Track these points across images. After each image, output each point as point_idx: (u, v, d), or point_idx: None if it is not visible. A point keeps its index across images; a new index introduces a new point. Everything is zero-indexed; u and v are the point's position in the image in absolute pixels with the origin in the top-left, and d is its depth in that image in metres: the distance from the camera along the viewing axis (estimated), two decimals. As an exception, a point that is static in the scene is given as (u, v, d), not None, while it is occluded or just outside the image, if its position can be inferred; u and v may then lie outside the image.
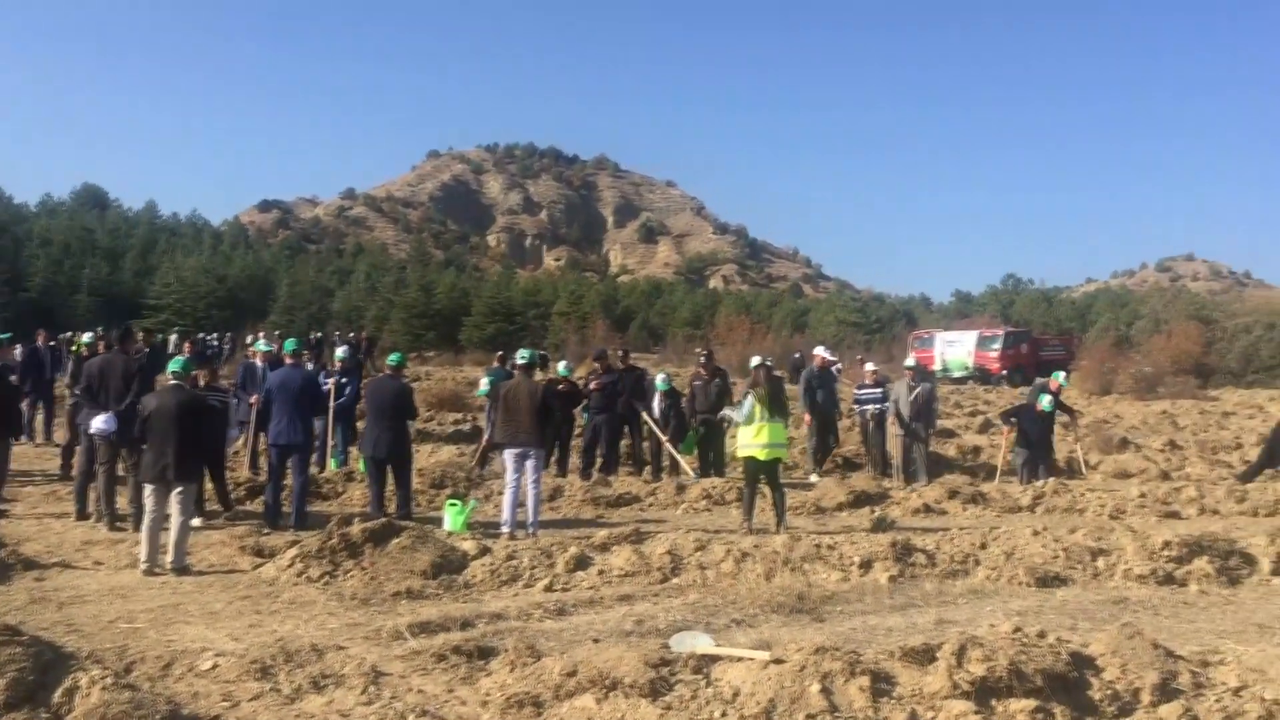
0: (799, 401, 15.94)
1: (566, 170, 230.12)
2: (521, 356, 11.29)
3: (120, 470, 10.39)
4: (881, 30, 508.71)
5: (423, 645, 6.13)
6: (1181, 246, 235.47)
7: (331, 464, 13.77)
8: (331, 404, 13.31)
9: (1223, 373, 48.98)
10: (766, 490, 10.98)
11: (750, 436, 10.69)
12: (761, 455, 10.59)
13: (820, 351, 16.42)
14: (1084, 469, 15.75)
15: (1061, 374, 16.35)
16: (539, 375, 12.34)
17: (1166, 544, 9.02)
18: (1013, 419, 15.32)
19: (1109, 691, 4.94)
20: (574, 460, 14.82)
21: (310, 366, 15.50)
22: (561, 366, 15.35)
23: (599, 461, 14.25)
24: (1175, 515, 12.35)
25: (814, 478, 14.83)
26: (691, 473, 14.08)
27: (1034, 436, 14.78)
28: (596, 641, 5.94)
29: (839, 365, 16.17)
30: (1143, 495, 13.13)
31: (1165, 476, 15.80)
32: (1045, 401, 14.85)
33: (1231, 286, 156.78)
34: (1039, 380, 17.11)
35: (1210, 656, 5.37)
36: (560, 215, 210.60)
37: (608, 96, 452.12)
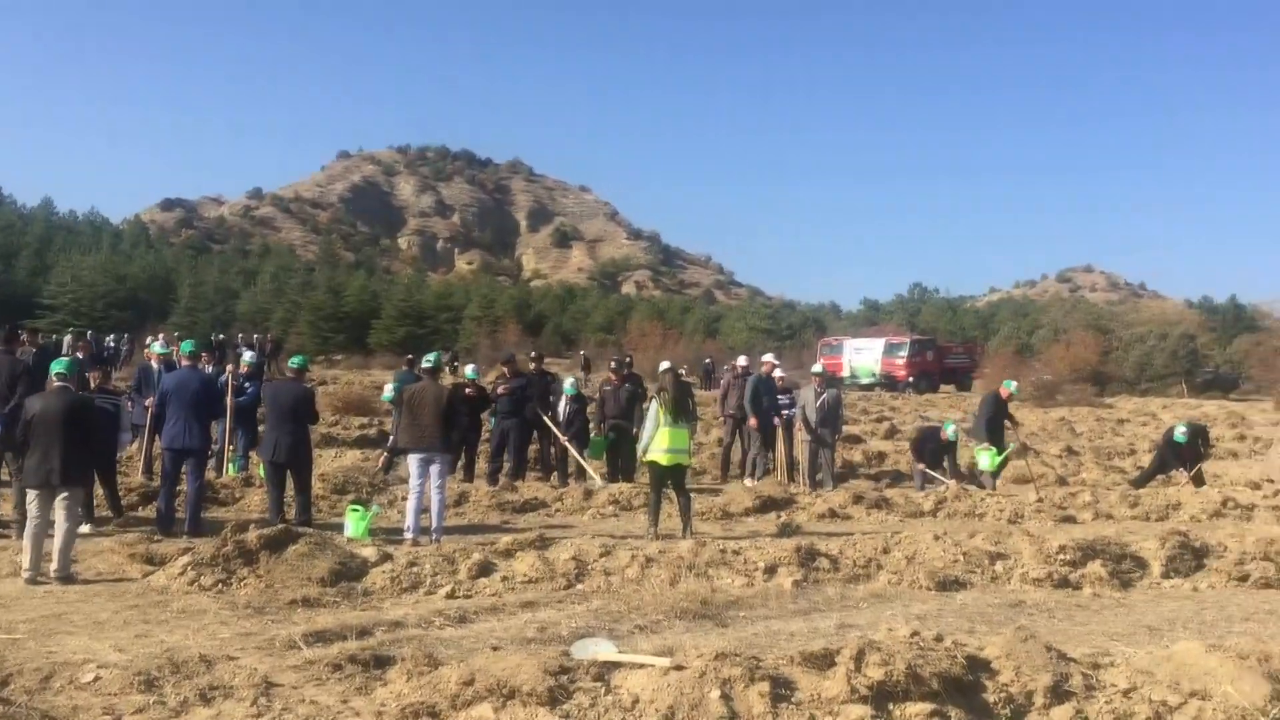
0: (716, 406, 15.99)
1: (479, 173, 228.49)
2: (427, 360, 11.14)
3: (4, 475, 10.00)
4: (791, 40, 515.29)
5: (318, 655, 5.97)
6: (1080, 258, 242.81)
7: (230, 469, 13.42)
8: (230, 402, 12.97)
9: (1118, 381, 50.56)
10: (674, 495, 10.98)
11: (654, 441, 10.67)
12: (664, 460, 10.58)
13: (768, 359, 16.51)
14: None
15: (1013, 383, 16.68)
16: (447, 379, 12.19)
17: (1062, 548, 9.23)
18: (919, 442, 15.88)
19: (1004, 694, 5.00)
20: (481, 465, 14.66)
21: (211, 369, 15.12)
22: (469, 370, 15.18)
23: (506, 466, 14.12)
24: (1071, 520, 12.66)
25: (749, 481, 14.91)
26: (598, 478, 14.04)
27: (929, 456, 15.42)
28: (496, 649, 5.83)
29: (781, 373, 16.22)
30: (1040, 500, 13.46)
31: (1062, 482, 16.21)
32: (950, 431, 15.62)
33: (1128, 297, 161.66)
34: (987, 395, 17.38)
35: (1101, 658, 5.47)
36: (473, 219, 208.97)
37: (521, 100, 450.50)
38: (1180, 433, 16.20)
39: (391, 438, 13.30)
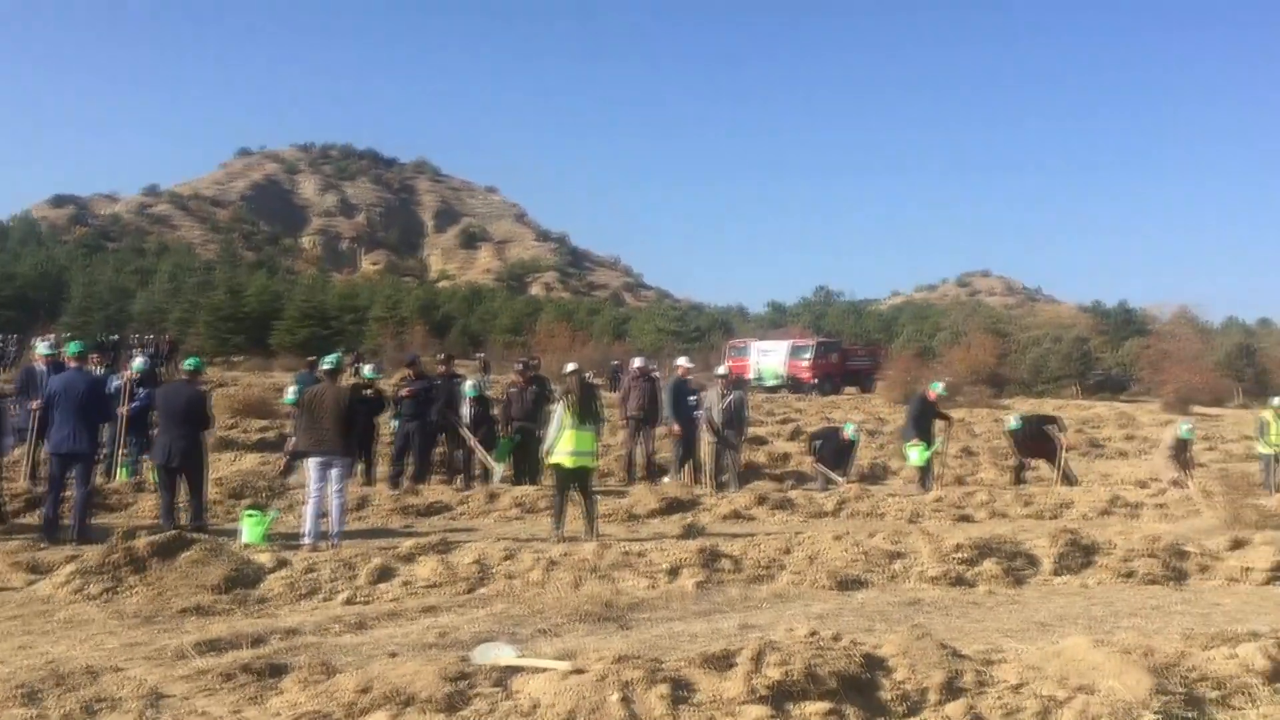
0: (617, 408, 15.99)
1: (385, 173, 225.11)
2: (327, 362, 10.94)
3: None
4: (696, 42, 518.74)
5: (209, 664, 5.81)
6: (979, 263, 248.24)
7: (121, 473, 13.02)
8: (124, 408, 12.59)
9: (1015, 383, 51.94)
10: (579, 498, 10.95)
11: (559, 444, 10.63)
12: (569, 463, 10.54)
13: (682, 362, 16.54)
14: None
15: (940, 384, 16.94)
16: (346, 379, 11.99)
17: (958, 546, 9.43)
18: (817, 441, 16.19)
19: (899, 691, 5.08)
20: (383, 469, 14.46)
21: (102, 370, 14.66)
22: (368, 370, 14.90)
23: (409, 469, 13.94)
24: (968, 519, 12.96)
25: (666, 478, 14.97)
26: (497, 470, 13.89)
27: (830, 457, 15.74)
28: (393, 656, 5.75)
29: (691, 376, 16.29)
30: (938, 500, 13.73)
31: (960, 482, 16.56)
32: (850, 432, 16.19)
33: (1024, 301, 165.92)
34: (914, 396, 17.63)
35: (993, 655, 5.59)
36: (378, 219, 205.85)
37: (428, 100, 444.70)
38: (1012, 422, 17.24)
39: (291, 441, 13.05)
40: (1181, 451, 17.08)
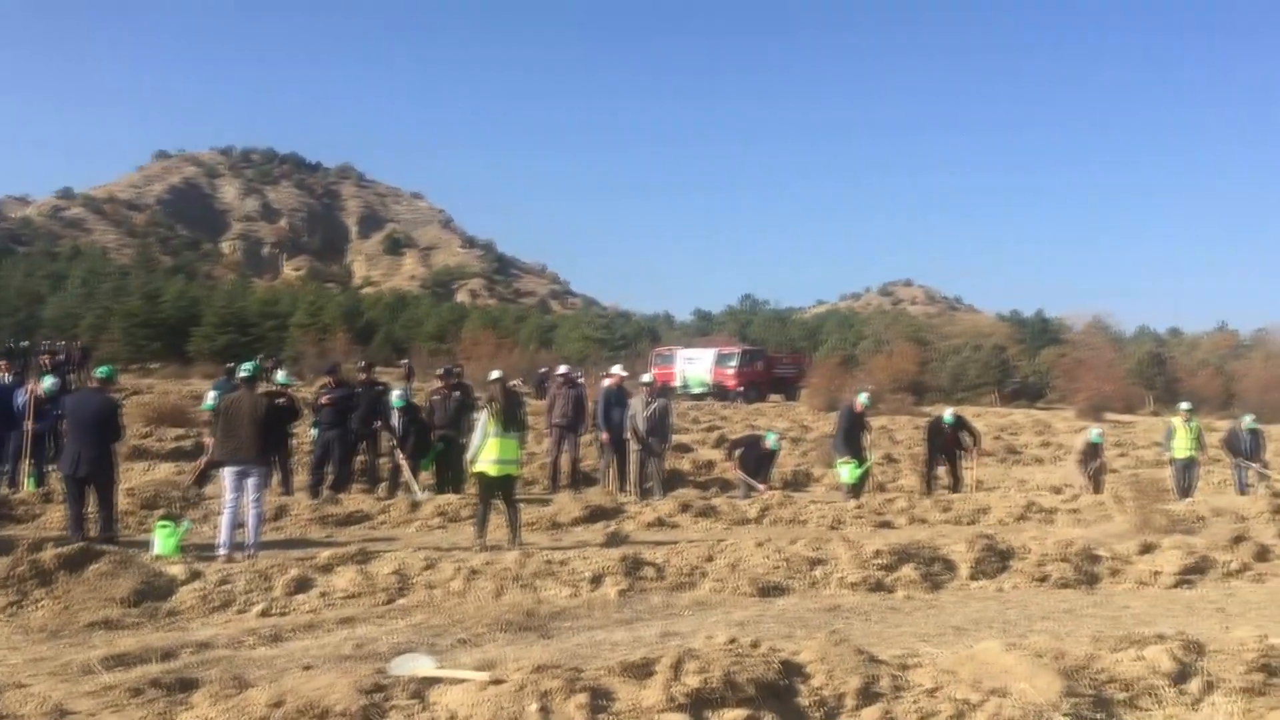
0: (543, 415, 15.92)
1: (308, 178, 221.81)
2: (244, 369, 10.73)
3: None
4: (622, 50, 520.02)
5: (116, 679, 5.65)
6: (901, 272, 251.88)
7: (28, 484, 12.63)
8: (29, 423, 12.23)
9: (936, 390, 52.84)
10: (503, 506, 10.88)
11: (482, 451, 10.55)
12: (492, 471, 10.47)
13: (616, 370, 16.50)
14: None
15: (866, 394, 17.04)
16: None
17: (878, 552, 9.53)
18: (738, 450, 16.28)
19: (816, 698, 5.12)
20: (302, 478, 14.24)
21: (10, 379, 14.24)
22: (280, 375, 14.62)
23: (329, 479, 13.73)
24: (888, 525, 13.12)
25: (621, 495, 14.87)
26: (419, 490, 13.73)
27: (751, 465, 15.87)
28: (308, 668, 5.64)
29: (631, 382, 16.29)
30: (859, 506, 13.88)
31: (881, 488, 16.75)
32: (771, 441, 16.24)
33: (944, 310, 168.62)
34: (842, 408, 17.73)
35: (909, 659, 5.65)
36: (301, 224, 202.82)
37: (352, 104, 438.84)
38: (946, 416, 17.61)
39: (207, 449, 12.79)
40: (1092, 457, 17.51)
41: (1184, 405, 19.44)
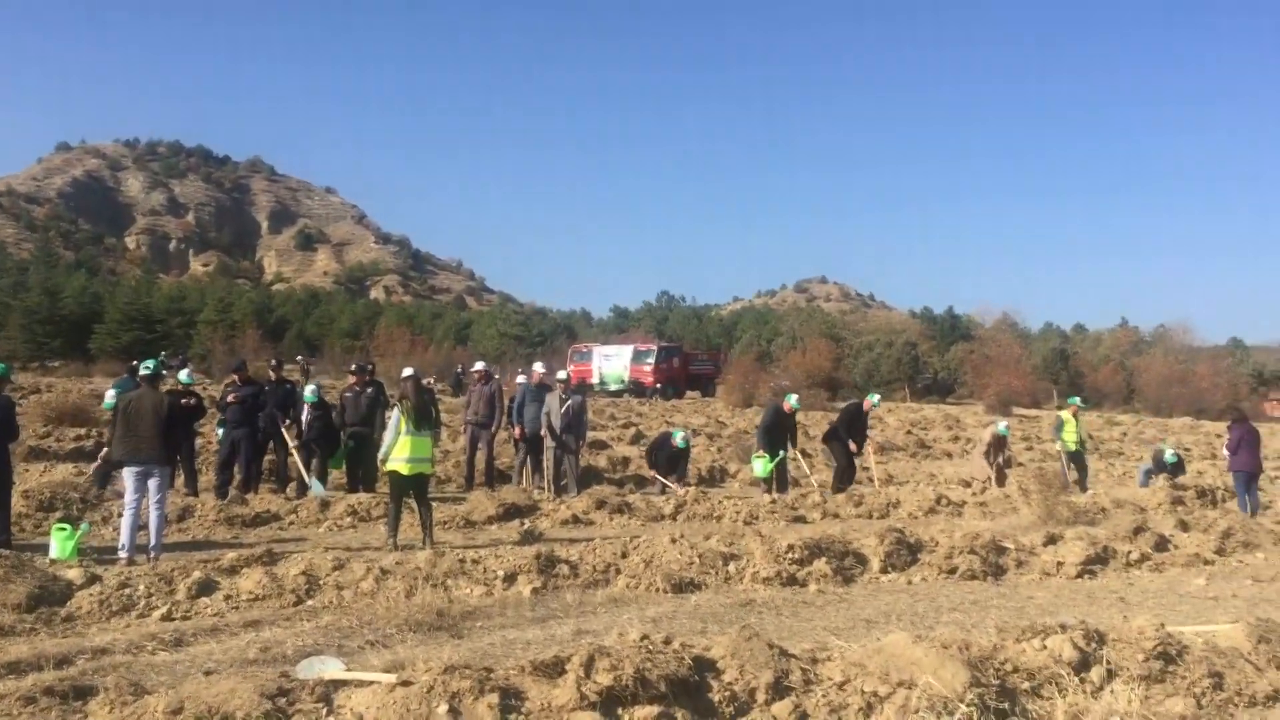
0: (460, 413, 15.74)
1: (216, 171, 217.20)
2: (145, 366, 10.42)
3: None
4: (543, 45, 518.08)
5: (8, 688, 5.42)
6: (817, 270, 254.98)
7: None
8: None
9: (849, 386, 53.58)
10: (415, 505, 10.74)
11: (395, 450, 10.40)
12: (405, 470, 10.32)
13: (538, 368, 16.37)
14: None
15: (794, 397, 17.12)
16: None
17: (791, 547, 9.60)
18: (654, 453, 16.37)
19: (728, 693, 5.12)
20: (208, 478, 13.90)
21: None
22: (183, 375, 14.21)
23: (236, 479, 13.42)
24: (802, 520, 13.23)
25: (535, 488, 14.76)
26: (317, 486, 13.42)
27: (664, 464, 16.12)
28: (209, 674, 5.48)
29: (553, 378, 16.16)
30: (773, 501, 13.98)
31: (795, 484, 16.89)
32: (679, 439, 16.39)
33: (858, 307, 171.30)
34: (770, 404, 17.84)
35: (820, 653, 5.68)
36: (209, 219, 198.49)
37: (262, 96, 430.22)
38: (874, 398, 18.01)
39: (105, 449, 12.39)
40: (999, 449, 17.91)
41: (1074, 399, 20.02)
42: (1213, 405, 50.79)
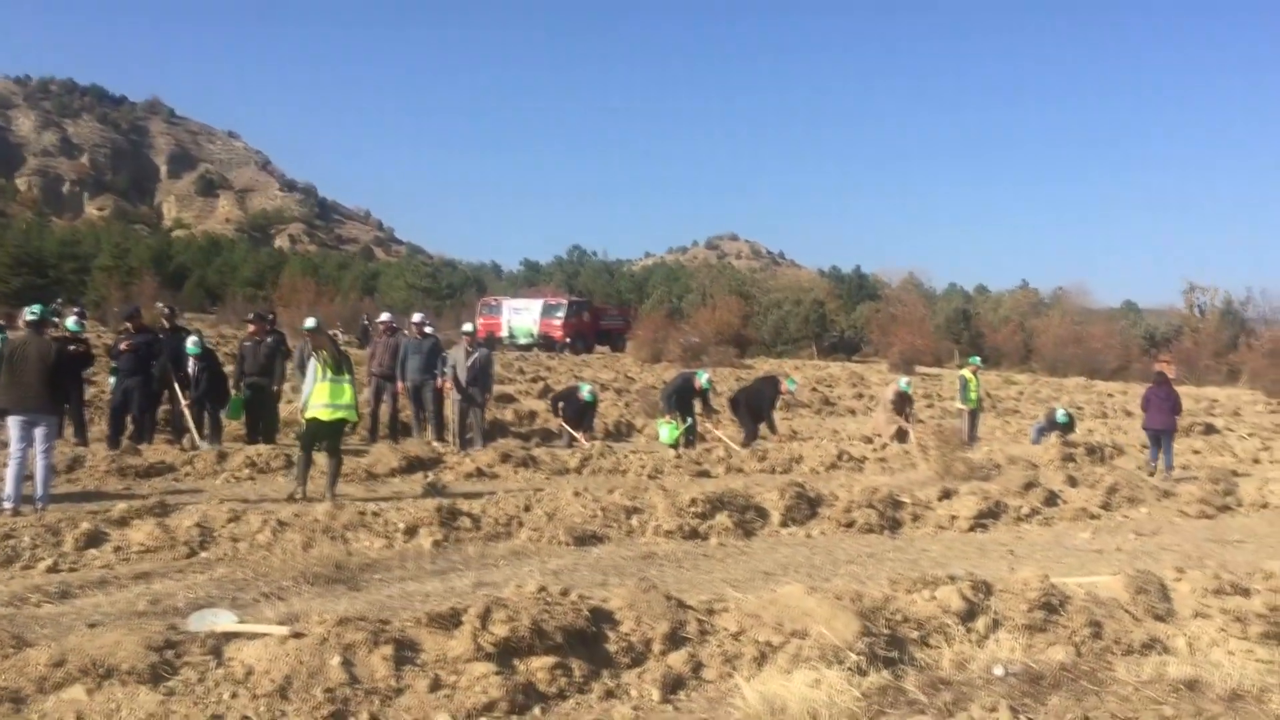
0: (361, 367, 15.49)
1: (112, 112, 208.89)
2: (31, 312, 10.06)
3: None
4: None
5: (-119, 642, 5.23)
6: (727, 226, 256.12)
7: None
8: None
9: (757, 343, 54.13)
10: (318, 458, 10.58)
11: (312, 396, 10.23)
12: (324, 416, 10.16)
13: (418, 318, 16.12)
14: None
15: (705, 375, 17.10)
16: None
17: (693, 501, 9.69)
18: (560, 403, 16.37)
19: (624, 643, 5.17)
20: (100, 427, 13.50)
21: None
22: (71, 322, 13.72)
23: (129, 429, 13.05)
24: (706, 474, 13.35)
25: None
26: (201, 441, 13.16)
27: (571, 417, 16.15)
28: (94, 626, 5.35)
29: (430, 327, 15.93)
30: (679, 455, 14.09)
31: (702, 439, 17.03)
32: (585, 392, 16.48)
33: (768, 265, 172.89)
34: (683, 373, 17.91)
35: (716, 605, 5.76)
36: (105, 161, 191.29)
37: (160, 33, 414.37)
38: (791, 385, 18.41)
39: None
40: (902, 405, 18.29)
41: (974, 359, 20.58)
42: (1105, 366, 52.42)
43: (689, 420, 16.31)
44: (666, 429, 15.94)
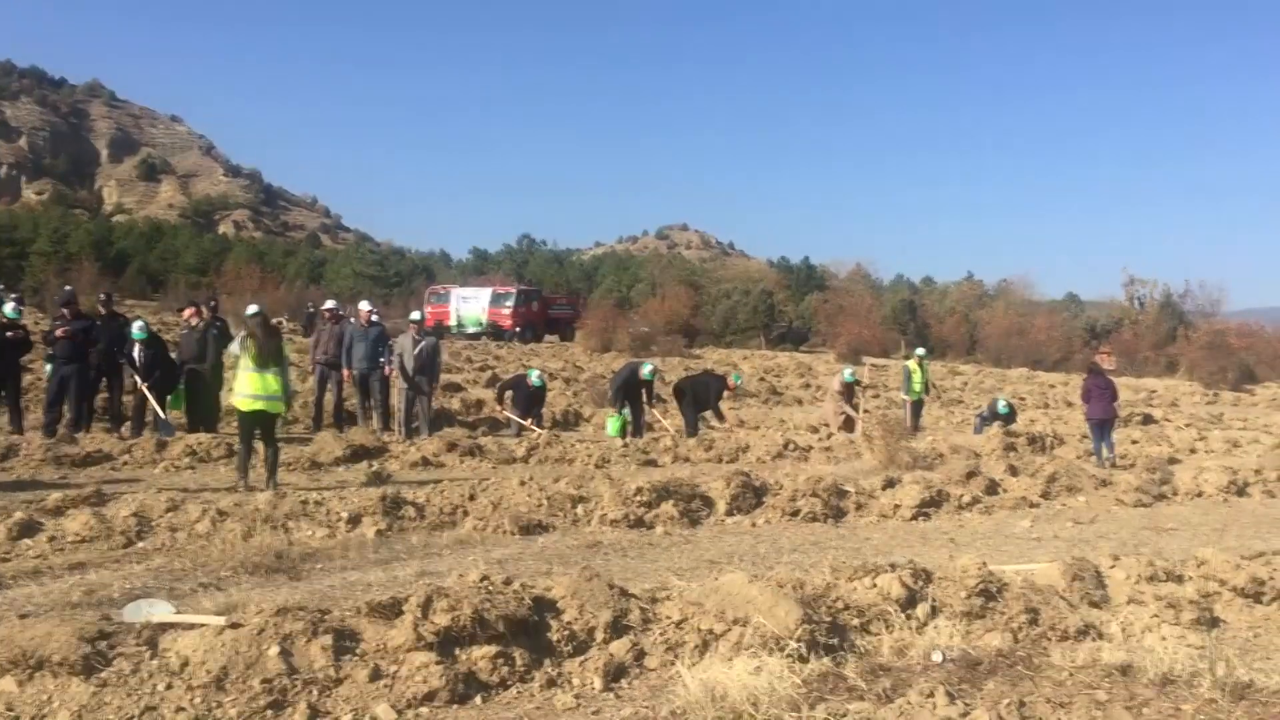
0: (304, 354, 15.35)
1: (52, 94, 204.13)
2: (-37, 298, 9.82)
3: None
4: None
5: None
6: (678, 216, 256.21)
7: None
8: None
9: (706, 333, 54.27)
10: (259, 447, 10.45)
11: (241, 386, 10.08)
12: (243, 406, 10.02)
13: (364, 307, 15.94)
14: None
15: (649, 366, 17.00)
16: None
17: (639, 490, 9.70)
18: (508, 391, 16.30)
19: (567, 632, 5.16)
20: (36, 415, 13.24)
21: None
22: (8, 309, 13.44)
23: (66, 417, 12.81)
24: (653, 463, 13.38)
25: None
26: (171, 427, 13.03)
27: (521, 404, 16.10)
28: (24, 617, 5.24)
29: (376, 315, 15.74)
30: (626, 445, 14.09)
31: (650, 428, 17.05)
32: (534, 378, 16.41)
33: (718, 255, 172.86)
34: (629, 364, 17.79)
35: (659, 593, 5.77)
36: (44, 144, 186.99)
37: (100, 14, 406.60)
38: (737, 380, 18.45)
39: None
40: (849, 395, 18.45)
41: (919, 350, 20.85)
42: (1048, 357, 53.16)
43: (638, 411, 16.33)
44: (611, 422, 15.95)
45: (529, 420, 15.86)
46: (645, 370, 16.62)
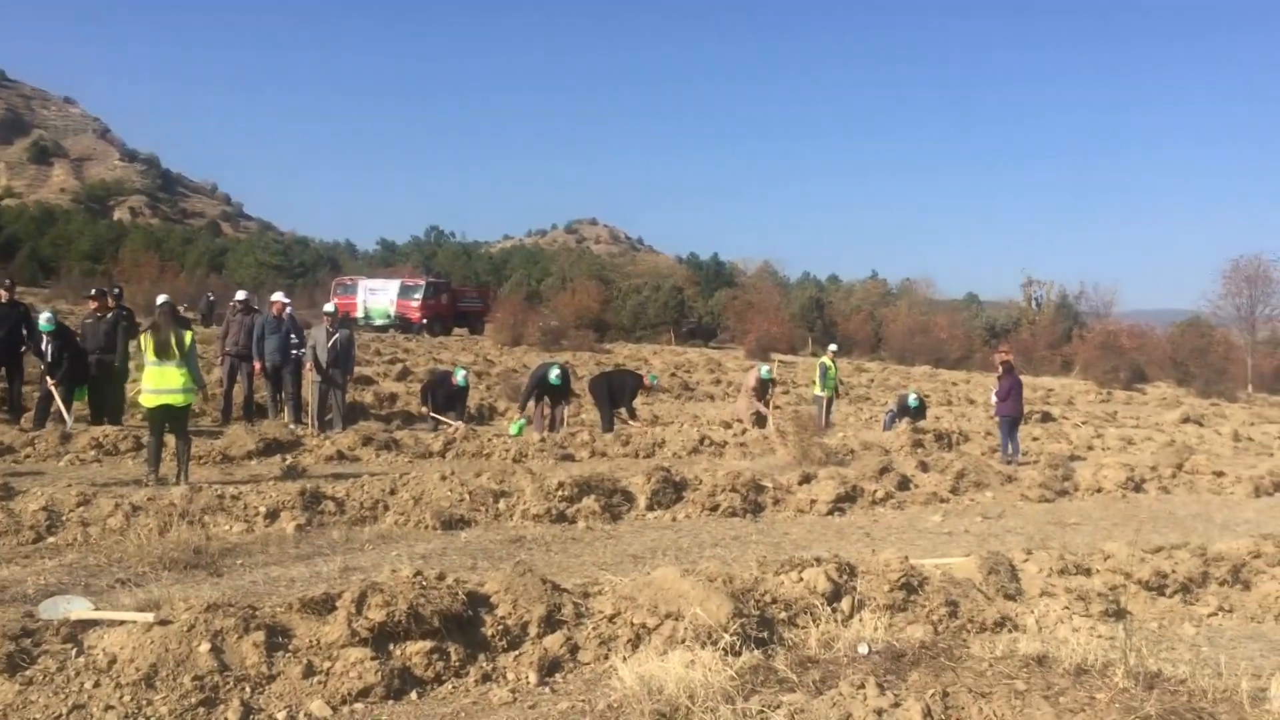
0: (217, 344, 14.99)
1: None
2: None
3: None
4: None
5: None
6: (586, 211, 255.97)
7: None
8: None
9: (616, 328, 54.38)
10: (169, 440, 10.20)
11: (144, 381, 9.84)
12: (147, 402, 9.80)
13: (278, 297, 15.58)
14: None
15: (555, 370, 16.85)
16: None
17: (560, 485, 9.72)
18: (431, 392, 16.09)
19: (501, 626, 5.18)
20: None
21: None
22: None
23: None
24: (571, 458, 13.39)
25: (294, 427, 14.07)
26: (71, 420, 12.63)
27: (442, 402, 15.93)
28: (-63, 617, 5.07)
29: (290, 309, 15.39)
30: (543, 440, 14.08)
31: (564, 422, 17.04)
32: (460, 377, 16.12)
33: (627, 250, 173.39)
34: (539, 369, 17.64)
35: (591, 588, 5.82)
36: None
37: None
38: (653, 379, 18.61)
39: None
40: (763, 391, 18.67)
41: (832, 346, 21.28)
42: (950, 355, 54.44)
43: (552, 408, 16.30)
44: (513, 425, 15.73)
45: (451, 416, 15.70)
46: (552, 375, 16.19)
